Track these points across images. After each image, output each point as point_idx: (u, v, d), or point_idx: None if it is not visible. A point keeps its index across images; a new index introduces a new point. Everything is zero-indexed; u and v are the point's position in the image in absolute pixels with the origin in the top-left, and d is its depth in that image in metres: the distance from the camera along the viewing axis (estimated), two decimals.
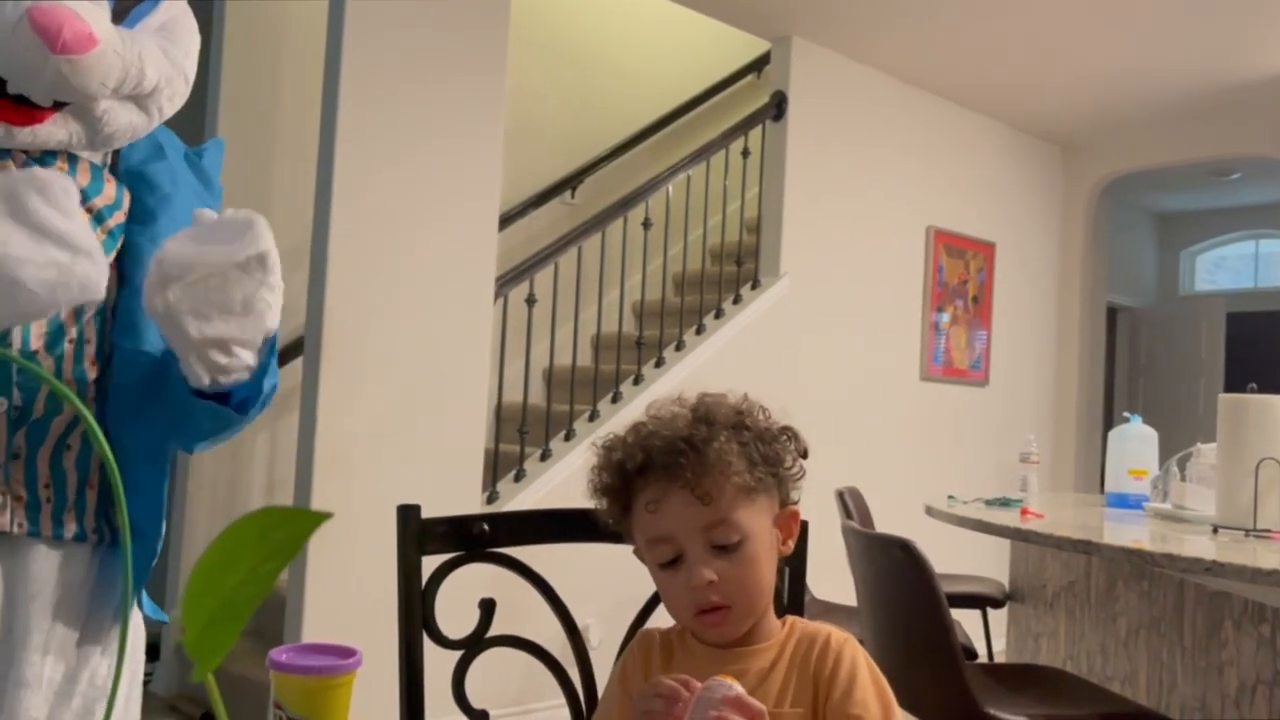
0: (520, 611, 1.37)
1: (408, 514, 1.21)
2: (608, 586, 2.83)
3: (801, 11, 4.31)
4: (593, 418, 3.87)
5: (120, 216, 1.08)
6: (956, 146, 5.35)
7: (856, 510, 2.91)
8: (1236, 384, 3.00)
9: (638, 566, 1.06)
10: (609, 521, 1.05)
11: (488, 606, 1.21)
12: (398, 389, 3.24)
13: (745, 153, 4.51)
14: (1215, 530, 2.36)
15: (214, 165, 1.22)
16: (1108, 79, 4.90)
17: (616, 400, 3.94)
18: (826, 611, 3.12)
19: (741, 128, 4.47)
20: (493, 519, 1.26)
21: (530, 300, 3.71)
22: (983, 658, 3.25)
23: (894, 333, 5.03)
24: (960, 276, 5.34)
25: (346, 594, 3.07)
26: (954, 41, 4.53)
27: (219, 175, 1.23)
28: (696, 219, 4.76)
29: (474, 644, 1.21)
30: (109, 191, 1.08)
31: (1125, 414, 3.37)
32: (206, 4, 3.86)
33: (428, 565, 1.21)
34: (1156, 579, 2.55)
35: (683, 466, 0.97)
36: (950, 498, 3.22)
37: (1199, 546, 2.12)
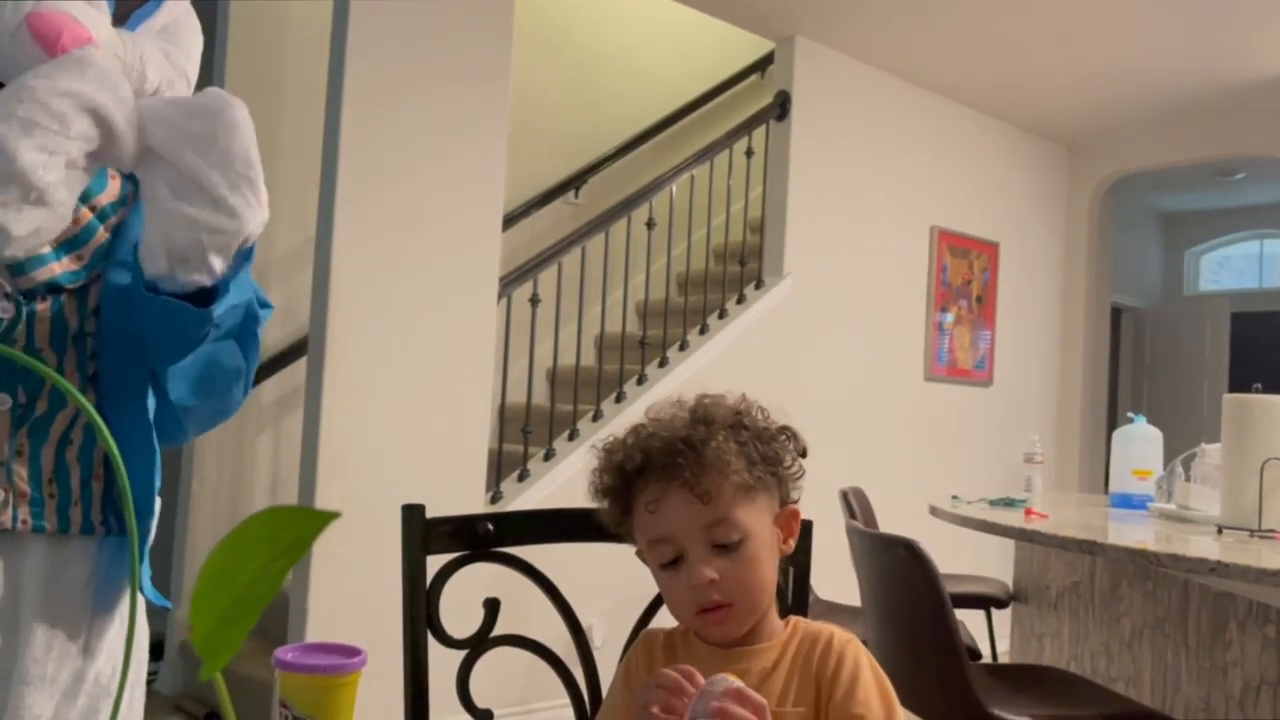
0: (524, 611, 1.38)
1: (412, 513, 1.21)
2: (611, 586, 2.83)
3: (805, 11, 4.31)
4: (596, 418, 3.87)
5: (124, 213, 1.08)
6: (960, 146, 5.35)
7: (860, 510, 2.92)
8: (1241, 384, 3.00)
9: (641, 566, 1.06)
10: (611, 524, 1.05)
11: (492, 606, 1.21)
12: (401, 389, 3.24)
13: (749, 152, 4.51)
14: (1220, 530, 2.36)
15: None
16: (1112, 78, 4.90)
17: (620, 400, 3.95)
18: (830, 611, 3.12)
19: (745, 127, 4.47)
20: (497, 519, 1.26)
21: (534, 300, 3.72)
22: (987, 658, 3.25)
23: (898, 333, 5.02)
24: (964, 276, 5.34)
25: (351, 593, 3.07)
26: (958, 41, 4.53)
27: None
28: (700, 219, 4.76)
29: (478, 643, 1.21)
30: (113, 189, 1.08)
31: (1129, 414, 3.36)
32: (210, 5, 3.86)
33: (432, 565, 1.21)
34: (1161, 579, 2.54)
35: (681, 467, 0.97)
36: (954, 498, 3.22)
37: (1203, 547, 2.12)
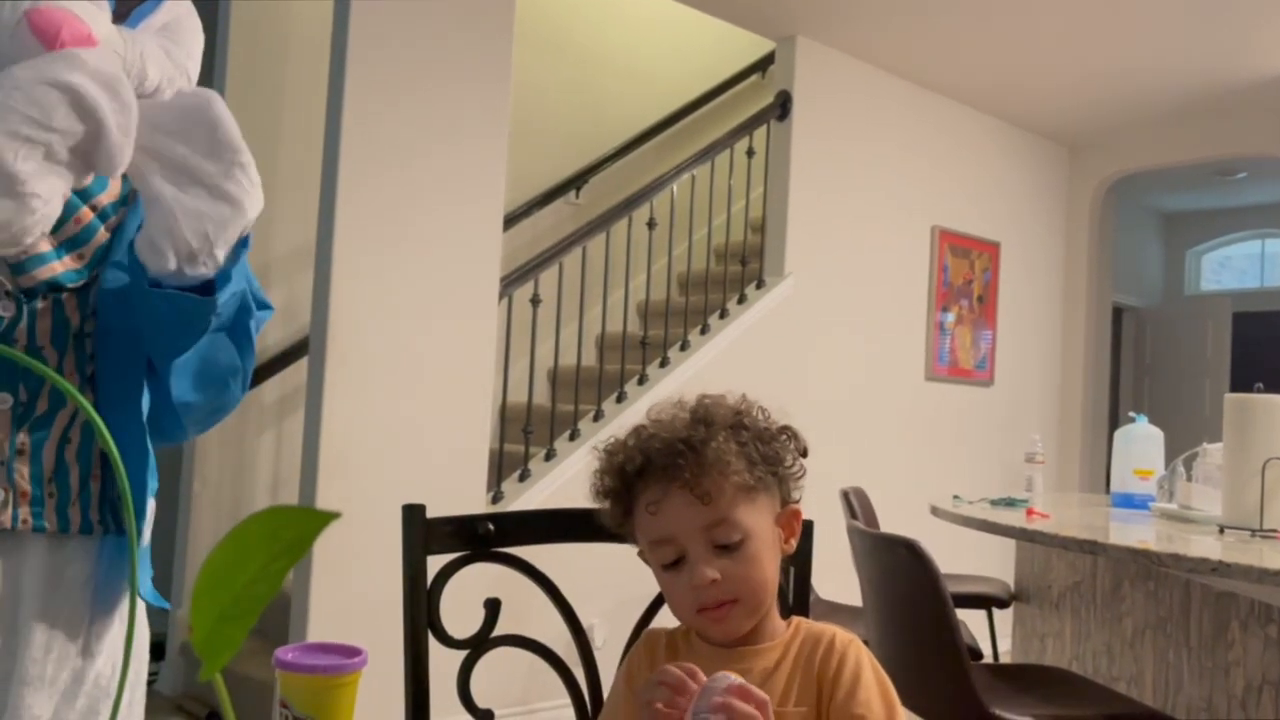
0: (525, 611, 1.37)
1: (413, 514, 1.21)
2: (612, 586, 2.83)
3: (806, 11, 4.31)
4: (597, 418, 3.87)
5: (124, 213, 1.08)
6: (961, 146, 5.35)
7: (861, 510, 2.91)
8: (1242, 384, 3.00)
9: (641, 566, 1.06)
10: (612, 525, 1.05)
11: (493, 606, 1.21)
12: (402, 389, 3.24)
13: (750, 152, 4.50)
14: (1221, 530, 2.35)
15: None
16: (1113, 78, 4.89)
17: (621, 400, 3.94)
18: (832, 611, 3.12)
19: (746, 127, 4.47)
20: (497, 519, 1.25)
21: (535, 300, 3.71)
22: (988, 658, 3.25)
23: (899, 332, 5.02)
24: (965, 276, 5.33)
25: (351, 593, 3.07)
26: (959, 41, 4.53)
27: None
28: (701, 219, 4.75)
29: (479, 643, 1.21)
30: (114, 189, 1.08)
31: (1131, 414, 3.36)
32: (211, 4, 3.86)
33: (433, 565, 1.21)
34: (1162, 579, 2.54)
35: (681, 467, 0.97)
36: (955, 498, 3.22)
37: (1205, 547, 2.11)
